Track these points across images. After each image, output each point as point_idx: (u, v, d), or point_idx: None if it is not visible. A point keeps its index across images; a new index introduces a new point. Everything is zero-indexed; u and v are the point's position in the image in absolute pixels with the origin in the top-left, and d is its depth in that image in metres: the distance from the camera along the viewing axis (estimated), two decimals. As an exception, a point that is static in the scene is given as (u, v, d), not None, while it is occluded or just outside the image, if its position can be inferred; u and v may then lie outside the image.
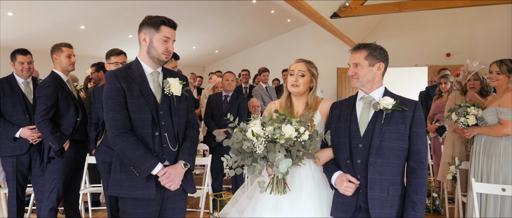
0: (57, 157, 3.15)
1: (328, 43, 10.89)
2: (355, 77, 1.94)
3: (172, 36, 2.04)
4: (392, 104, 1.85)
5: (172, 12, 7.21)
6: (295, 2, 5.23)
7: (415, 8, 6.53)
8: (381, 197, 1.84)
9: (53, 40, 7.35)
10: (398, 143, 1.84)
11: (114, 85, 1.94)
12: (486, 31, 9.69)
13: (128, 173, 1.97)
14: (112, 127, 1.91)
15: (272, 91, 6.48)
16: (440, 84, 4.80)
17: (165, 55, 2.02)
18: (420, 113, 1.86)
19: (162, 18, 2.02)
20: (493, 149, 3.03)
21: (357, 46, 1.97)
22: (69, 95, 3.22)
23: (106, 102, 1.94)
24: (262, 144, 1.81)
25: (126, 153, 1.90)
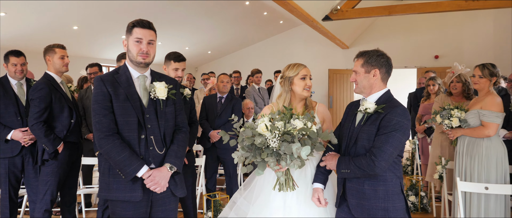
0: (51, 160, 3.14)
1: (319, 44, 11.00)
2: (355, 83, 2.10)
3: (145, 37, 2.02)
4: (371, 108, 1.97)
5: (165, 13, 7.24)
6: (288, 5, 5.31)
7: (405, 12, 6.67)
8: (357, 189, 2.00)
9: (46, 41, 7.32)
10: (368, 143, 1.96)
11: (101, 90, 1.99)
12: (473, 35, 9.91)
13: (116, 176, 1.99)
14: (98, 130, 1.96)
15: (265, 92, 6.56)
16: (428, 86, 4.92)
17: (141, 56, 2.01)
18: (391, 117, 1.90)
19: (136, 20, 2.04)
20: (475, 149, 3.14)
21: (358, 54, 2.11)
22: (63, 96, 3.20)
23: (93, 106, 1.99)
24: (275, 137, 1.85)
25: (112, 155, 1.93)
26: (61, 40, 4.20)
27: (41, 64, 6.96)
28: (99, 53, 8.86)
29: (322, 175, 2.15)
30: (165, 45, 9.37)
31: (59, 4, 5.86)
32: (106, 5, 6.39)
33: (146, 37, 2.02)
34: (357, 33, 10.73)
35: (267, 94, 6.61)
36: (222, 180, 5.89)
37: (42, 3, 5.71)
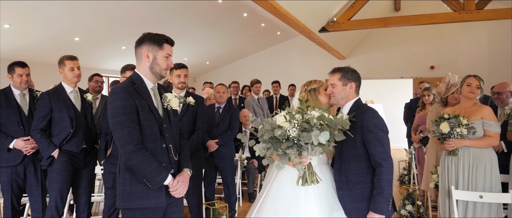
0: (48, 167, 3.25)
1: (316, 55, 11.12)
2: (332, 96, 2.34)
3: (172, 53, 2.18)
4: (343, 118, 2.12)
5: (165, 25, 7.35)
6: (285, 17, 5.43)
7: (400, 23, 6.80)
8: (349, 195, 2.19)
9: (48, 52, 7.46)
10: (353, 150, 2.19)
11: (127, 102, 1.99)
12: (468, 46, 10.07)
13: (138, 185, 2.04)
14: (128, 143, 1.96)
15: (264, 102, 6.63)
16: (423, 96, 5.00)
17: (165, 71, 2.14)
18: (367, 122, 2.14)
19: (164, 36, 2.13)
20: (479, 160, 3.14)
21: (333, 70, 2.38)
22: (65, 107, 3.26)
23: (119, 118, 1.97)
24: (294, 126, 1.95)
25: (142, 167, 1.97)
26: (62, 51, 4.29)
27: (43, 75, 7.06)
28: (100, 63, 8.95)
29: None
30: (164, 55, 9.45)
31: (62, 16, 5.96)
32: (107, 17, 6.50)
33: (172, 53, 2.18)
34: (354, 44, 10.87)
35: (266, 104, 6.68)
36: (220, 189, 5.92)
37: (45, 15, 5.81)
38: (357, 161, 2.19)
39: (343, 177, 2.22)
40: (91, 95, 3.51)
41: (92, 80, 4.62)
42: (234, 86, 6.91)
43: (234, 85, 6.92)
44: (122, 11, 6.40)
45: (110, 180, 3.33)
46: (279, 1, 4.83)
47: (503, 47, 9.57)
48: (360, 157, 2.19)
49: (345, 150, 2.21)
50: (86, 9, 5.91)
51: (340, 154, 2.22)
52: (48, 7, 5.54)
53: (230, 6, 7.30)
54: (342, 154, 2.22)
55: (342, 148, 2.21)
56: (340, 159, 2.22)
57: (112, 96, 2.00)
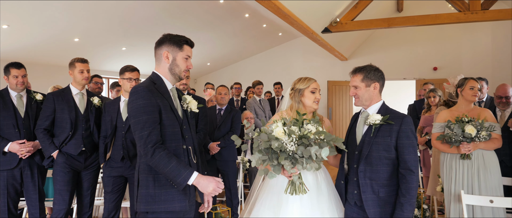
0: (47, 167, 3.30)
1: (318, 56, 11.06)
2: (356, 97, 2.27)
3: (191, 54, 2.15)
4: (379, 120, 2.14)
5: (166, 25, 7.28)
6: (288, 18, 5.35)
7: (404, 24, 6.72)
8: (373, 198, 2.14)
9: (47, 53, 7.38)
10: (384, 154, 2.13)
11: (150, 101, 1.94)
12: (471, 47, 9.99)
13: (162, 187, 1.97)
14: (147, 143, 1.90)
15: (266, 104, 6.55)
16: (428, 98, 4.92)
17: (184, 72, 2.12)
18: (407, 127, 2.12)
19: (184, 38, 2.11)
20: (487, 162, 3.14)
21: (355, 69, 2.28)
22: (67, 109, 3.26)
23: (141, 117, 1.91)
24: (293, 141, 1.97)
25: (160, 167, 1.89)
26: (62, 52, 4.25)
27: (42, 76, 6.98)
28: (100, 65, 8.88)
29: None
30: (165, 57, 9.38)
31: (61, 16, 5.89)
32: (107, 18, 6.43)
33: (191, 55, 2.16)
34: (356, 45, 10.80)
35: (268, 106, 6.61)
36: (222, 192, 5.84)
37: (44, 15, 5.74)
38: (387, 165, 2.14)
39: (367, 180, 2.16)
40: (97, 99, 3.46)
41: (92, 82, 4.55)
42: (236, 87, 6.84)
43: (236, 86, 6.84)
44: (122, 12, 6.33)
45: (109, 184, 3.28)
46: (282, 1, 4.75)
47: (507, 48, 9.49)
48: (390, 161, 2.14)
49: (376, 152, 2.14)
50: (86, 10, 5.84)
51: (367, 157, 2.16)
52: (47, 7, 5.47)
53: (232, 7, 7.23)
54: (370, 157, 2.15)
55: (371, 150, 2.15)
56: (367, 161, 2.16)
57: (134, 95, 1.95)
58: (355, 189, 2.21)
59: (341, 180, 2.31)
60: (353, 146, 2.25)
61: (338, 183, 2.34)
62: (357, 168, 2.19)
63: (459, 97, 3.28)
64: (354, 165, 2.21)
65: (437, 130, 3.27)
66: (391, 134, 2.12)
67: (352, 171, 2.23)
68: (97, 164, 3.46)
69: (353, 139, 2.27)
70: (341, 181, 2.31)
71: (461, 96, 3.25)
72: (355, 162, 2.21)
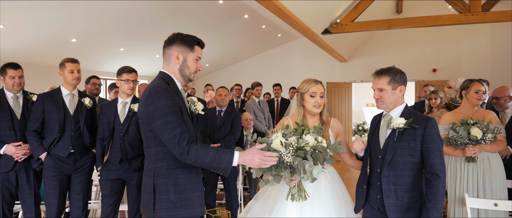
0: (37, 169, 3.26)
1: (317, 57, 11.02)
2: (380, 100, 2.19)
3: (201, 56, 2.09)
4: (403, 123, 2.07)
5: (164, 26, 7.23)
6: (288, 18, 5.31)
7: (404, 25, 6.69)
8: (396, 204, 2.07)
9: (44, 53, 7.30)
10: (409, 158, 2.06)
11: (173, 101, 1.86)
12: (470, 49, 9.98)
13: (182, 192, 1.91)
14: (181, 141, 1.81)
15: (265, 105, 6.50)
16: (430, 99, 4.89)
17: (194, 74, 2.06)
18: (431, 130, 2.04)
19: (196, 38, 2.04)
20: (493, 165, 3.12)
21: (380, 71, 2.20)
22: (55, 110, 3.20)
23: (168, 117, 1.82)
24: (290, 153, 1.98)
25: (201, 158, 1.82)
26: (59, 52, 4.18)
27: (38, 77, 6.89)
28: (98, 66, 8.80)
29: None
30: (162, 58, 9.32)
31: (58, 16, 5.83)
32: (105, 19, 6.37)
33: (202, 56, 2.11)
34: (355, 46, 10.77)
35: (267, 107, 6.56)
36: (221, 195, 5.78)
37: (41, 15, 5.67)
38: (412, 170, 2.08)
39: (391, 185, 2.10)
40: (89, 100, 3.40)
41: (89, 83, 4.48)
42: (237, 88, 6.78)
43: (237, 88, 6.79)
44: (121, 12, 6.27)
45: (107, 187, 3.22)
46: (282, 0, 4.70)
47: (506, 50, 9.48)
48: (415, 165, 2.08)
49: (400, 157, 2.08)
50: (83, 10, 5.78)
51: (391, 161, 2.09)
52: (44, 7, 5.40)
53: (231, 7, 7.18)
54: (394, 161, 2.09)
55: (395, 154, 2.09)
56: (391, 166, 2.10)
57: (154, 96, 1.84)
58: (378, 194, 2.15)
59: (363, 184, 2.24)
60: (377, 150, 2.19)
61: (360, 188, 2.27)
62: (380, 173, 2.13)
63: (463, 99, 3.24)
64: (377, 170, 2.15)
65: (441, 133, 3.23)
66: (415, 138, 2.06)
67: (375, 176, 2.17)
68: (88, 166, 3.39)
69: (376, 143, 2.20)
70: (363, 185, 2.23)
71: (465, 98, 3.21)
72: (379, 167, 2.15)
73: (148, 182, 1.94)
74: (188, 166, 1.93)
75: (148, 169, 1.95)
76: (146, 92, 1.87)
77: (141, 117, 1.92)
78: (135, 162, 3.22)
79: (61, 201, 3.26)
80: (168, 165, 1.91)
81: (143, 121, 1.91)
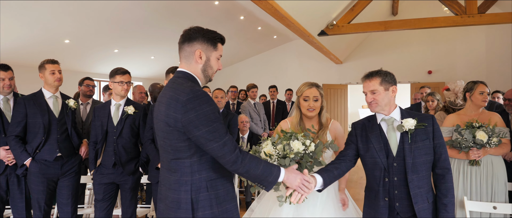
0: (21, 176, 3.13)
1: (313, 59, 11.01)
2: (375, 103, 2.10)
3: (222, 53, 1.91)
4: (414, 124, 2.03)
5: (159, 27, 7.16)
6: (285, 20, 5.27)
7: (401, 27, 6.68)
8: (425, 208, 2.02)
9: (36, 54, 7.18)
10: (427, 157, 2.04)
11: (214, 105, 1.67)
12: (465, 51, 10.02)
13: (222, 205, 1.75)
14: (233, 149, 1.65)
15: (261, 108, 6.44)
16: (427, 102, 4.87)
17: (215, 73, 1.87)
18: (437, 125, 2.07)
19: (219, 34, 1.86)
20: (497, 168, 3.10)
21: (370, 74, 2.13)
22: (40, 113, 3.10)
23: (214, 125, 1.63)
24: (275, 161, 1.98)
25: (254, 167, 1.69)
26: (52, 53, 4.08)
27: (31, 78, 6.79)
28: (92, 67, 8.70)
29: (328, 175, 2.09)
30: (157, 59, 9.26)
31: (51, 17, 5.74)
32: (99, 19, 6.29)
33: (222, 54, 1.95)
34: (351, 48, 10.78)
35: (263, 109, 6.50)
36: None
37: (33, 16, 5.58)
38: (428, 169, 2.05)
39: (417, 189, 2.01)
40: (73, 101, 3.32)
41: (83, 84, 4.40)
42: (232, 90, 6.72)
43: (232, 90, 6.73)
44: (115, 13, 6.20)
45: (100, 192, 3.15)
46: (279, 1, 4.66)
47: (501, 51, 9.53)
48: (430, 163, 2.06)
49: (419, 158, 2.02)
50: (76, 10, 5.70)
51: (413, 165, 2.01)
52: (36, 7, 5.32)
53: (227, 8, 7.13)
54: (415, 164, 2.01)
55: (414, 156, 2.01)
56: (414, 169, 2.01)
57: (195, 101, 1.63)
58: (397, 201, 2.04)
59: (384, 197, 2.07)
60: (388, 157, 2.06)
61: (380, 202, 2.09)
62: (403, 180, 2.02)
63: (467, 101, 3.20)
64: (394, 178, 2.04)
65: (445, 135, 3.19)
66: (428, 136, 2.04)
67: (392, 184, 2.05)
68: (76, 169, 3.31)
69: (385, 150, 2.07)
70: (385, 198, 2.07)
71: (470, 100, 3.17)
72: (396, 174, 2.04)
73: (182, 198, 1.70)
74: (227, 175, 1.78)
75: (180, 183, 1.71)
76: (183, 97, 1.63)
77: (175, 126, 1.66)
78: (129, 165, 3.15)
79: (49, 206, 3.18)
80: (207, 176, 1.72)
81: (175, 129, 1.66)
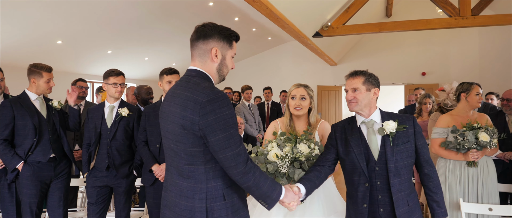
0: (15, 181, 3.02)
1: (307, 61, 11.02)
2: (354, 101, 2.06)
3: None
4: (395, 127, 1.99)
5: (153, 28, 7.11)
6: (280, 21, 5.25)
7: (395, 29, 6.70)
8: (406, 211, 1.99)
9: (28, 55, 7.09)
10: (408, 160, 2.01)
11: (233, 111, 1.55)
12: (459, 52, 10.10)
13: (237, 213, 1.68)
14: (245, 162, 1.56)
15: (255, 109, 6.42)
16: (424, 104, 4.88)
17: (227, 73, 1.77)
18: (419, 126, 2.05)
19: (234, 32, 1.75)
20: (492, 169, 3.14)
21: (354, 72, 2.11)
22: (28, 114, 3.03)
23: (230, 131, 1.53)
24: (286, 164, 2.04)
25: (262, 182, 1.61)
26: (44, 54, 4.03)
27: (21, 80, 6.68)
28: (84, 68, 8.61)
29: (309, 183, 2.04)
30: (151, 60, 9.20)
31: (43, 17, 5.66)
32: (92, 20, 6.22)
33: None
34: (345, 50, 10.80)
35: (257, 111, 6.48)
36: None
37: (25, 16, 5.50)
38: (409, 172, 2.02)
39: (398, 193, 1.97)
40: (57, 101, 3.27)
41: (76, 85, 4.33)
42: (227, 92, 6.69)
43: (226, 91, 6.70)
44: (108, 14, 6.13)
45: (93, 195, 3.09)
46: (273, 1, 4.64)
47: (494, 53, 9.63)
48: (411, 166, 2.03)
49: (401, 162, 1.98)
50: (69, 11, 5.63)
51: (395, 168, 1.96)
52: (28, 7, 5.24)
53: (221, 10, 7.10)
54: (397, 167, 1.97)
55: (396, 160, 1.97)
56: (396, 173, 1.97)
57: (215, 103, 1.52)
58: (381, 207, 1.99)
59: (363, 203, 2.01)
60: (369, 161, 2.01)
61: (360, 208, 2.02)
62: (386, 184, 1.97)
63: (462, 102, 3.20)
64: (377, 182, 1.99)
65: (439, 136, 3.18)
66: (409, 138, 2.01)
67: (374, 189, 2.00)
68: (67, 171, 3.26)
69: (366, 154, 2.02)
70: (363, 205, 2.01)
71: (465, 101, 3.17)
72: (378, 179, 1.99)
73: (196, 207, 1.59)
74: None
75: (194, 191, 1.60)
76: (203, 98, 1.52)
77: (191, 129, 1.54)
78: (122, 168, 3.10)
79: (40, 210, 3.11)
80: (224, 184, 1.61)
81: (191, 133, 1.55)
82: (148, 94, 4.55)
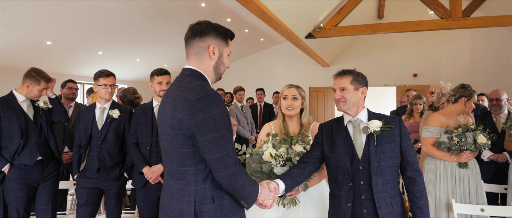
0: (1, 184, 2.96)
1: (300, 62, 11.03)
2: (342, 101, 2.06)
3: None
4: (379, 126, 1.99)
5: (145, 29, 7.05)
6: (272, 22, 5.24)
7: (387, 30, 6.73)
8: (388, 212, 1.96)
9: (17, 56, 6.96)
10: (392, 161, 1.98)
11: (224, 109, 1.51)
12: (450, 54, 10.20)
13: (234, 213, 1.65)
14: (233, 164, 1.52)
15: (248, 110, 6.40)
16: (415, 105, 4.91)
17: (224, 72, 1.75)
18: (405, 128, 2.03)
19: (229, 30, 1.72)
20: (477, 169, 3.19)
21: (342, 71, 2.11)
22: (15, 116, 2.97)
23: (221, 132, 1.48)
24: (279, 163, 2.06)
25: (245, 187, 1.58)
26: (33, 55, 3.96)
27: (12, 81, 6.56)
28: (75, 69, 8.50)
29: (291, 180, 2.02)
30: (143, 61, 9.12)
31: (32, 17, 5.57)
32: (82, 20, 6.14)
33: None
34: (338, 51, 10.83)
35: (250, 112, 6.46)
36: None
37: (14, 16, 5.40)
38: (394, 173, 1.99)
39: (380, 194, 1.95)
40: (43, 101, 3.22)
41: (65, 87, 4.26)
42: (219, 93, 6.66)
43: (219, 92, 6.66)
44: (99, 14, 6.06)
45: (83, 196, 3.04)
46: (265, 2, 4.62)
47: (485, 55, 9.73)
48: (396, 168, 2.01)
49: (384, 162, 1.96)
50: (59, 11, 5.54)
51: (378, 168, 1.95)
52: (17, 7, 5.15)
53: (213, 10, 7.06)
54: (380, 168, 1.95)
55: (380, 160, 1.95)
56: (379, 173, 1.95)
57: (205, 102, 1.47)
58: (365, 208, 1.97)
59: (347, 202, 1.99)
60: (354, 160, 2.01)
61: (343, 207, 2.01)
62: (369, 184, 1.96)
63: (459, 104, 3.19)
64: (361, 182, 1.98)
65: (432, 135, 3.17)
66: (394, 139, 2.00)
67: (358, 188, 1.99)
68: (56, 174, 3.20)
69: (350, 153, 2.02)
70: (348, 203, 1.99)
71: (463, 105, 3.17)
72: (362, 178, 1.98)
73: (185, 209, 1.55)
74: None
75: (184, 193, 1.56)
76: (192, 96, 1.48)
77: (180, 128, 1.50)
78: (113, 171, 3.05)
79: (27, 213, 3.05)
80: (213, 185, 1.56)
81: (180, 132, 1.51)
82: (133, 94, 4.49)
